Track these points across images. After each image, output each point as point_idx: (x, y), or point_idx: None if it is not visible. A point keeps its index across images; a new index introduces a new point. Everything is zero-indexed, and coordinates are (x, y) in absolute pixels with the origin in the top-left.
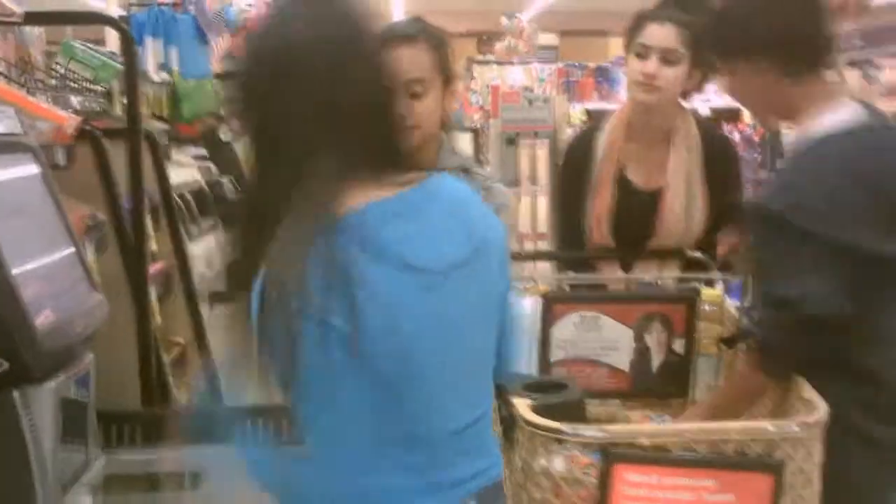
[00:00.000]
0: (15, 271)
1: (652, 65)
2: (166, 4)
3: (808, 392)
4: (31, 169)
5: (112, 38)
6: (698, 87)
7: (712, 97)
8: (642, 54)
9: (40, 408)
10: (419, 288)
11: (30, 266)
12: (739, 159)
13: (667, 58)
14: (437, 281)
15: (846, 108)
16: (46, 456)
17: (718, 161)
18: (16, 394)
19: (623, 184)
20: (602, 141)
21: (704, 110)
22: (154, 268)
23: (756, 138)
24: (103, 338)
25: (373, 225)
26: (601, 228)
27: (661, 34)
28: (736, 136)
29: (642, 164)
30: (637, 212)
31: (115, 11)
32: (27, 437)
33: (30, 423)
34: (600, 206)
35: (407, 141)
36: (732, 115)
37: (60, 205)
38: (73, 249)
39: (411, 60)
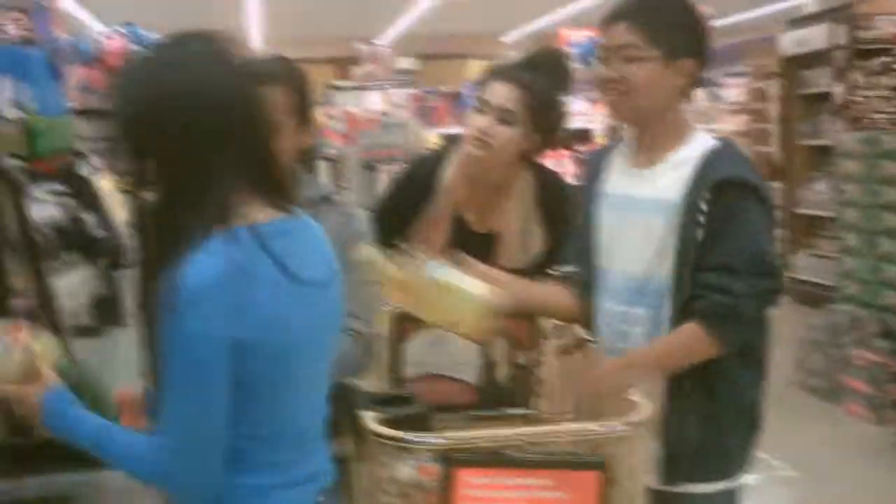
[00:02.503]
0: None
1: (486, 121)
2: (16, 42)
3: (634, 394)
4: None
5: None
6: (538, 151)
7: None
8: (482, 110)
9: None
10: (299, 299)
11: None
12: (571, 196)
13: (503, 117)
14: (312, 295)
15: (705, 130)
16: None
17: (552, 202)
18: None
19: (459, 223)
20: (446, 173)
21: None
22: (18, 303)
23: None
24: None
25: (264, 237)
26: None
27: (501, 93)
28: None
29: (478, 207)
30: (474, 251)
31: None
32: None
33: None
34: (436, 241)
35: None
36: (586, 137)
37: None
38: None
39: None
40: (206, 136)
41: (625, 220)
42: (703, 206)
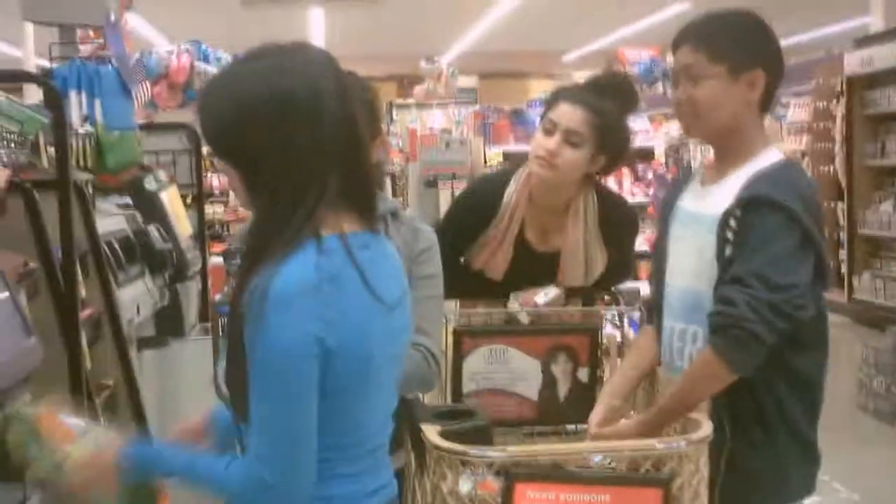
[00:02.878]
0: None
1: (553, 142)
2: (89, 58)
3: (696, 412)
4: None
5: (32, 91)
6: (603, 173)
7: None
8: (549, 130)
9: None
10: (378, 313)
11: None
12: (636, 229)
13: (570, 139)
14: (385, 312)
15: (775, 148)
16: None
17: (614, 222)
18: None
19: (522, 244)
20: (510, 194)
21: None
22: (83, 313)
23: (669, 177)
24: (36, 381)
25: (352, 248)
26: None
27: (569, 114)
28: (649, 175)
29: (541, 227)
30: (536, 271)
31: (33, 61)
32: None
33: None
34: (499, 261)
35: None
36: (647, 155)
37: None
38: (7, 295)
39: None
40: (303, 144)
41: (685, 236)
42: (733, 224)
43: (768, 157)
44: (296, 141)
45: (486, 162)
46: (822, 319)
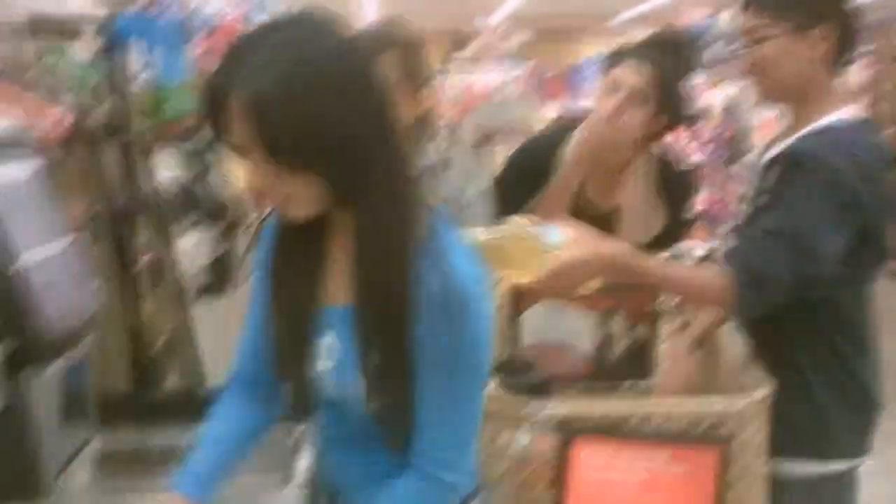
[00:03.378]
0: (22, 261)
1: (618, 101)
2: (147, 8)
3: (757, 371)
4: (34, 165)
5: (89, 41)
6: (664, 132)
7: None
8: (612, 89)
9: (45, 387)
10: None
11: (35, 256)
12: (694, 192)
13: (634, 98)
14: None
15: (852, 106)
16: (50, 432)
17: (673, 181)
18: (23, 374)
19: (580, 200)
20: (568, 151)
21: None
22: (143, 260)
23: (726, 136)
24: (96, 326)
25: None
26: None
27: (632, 73)
28: (706, 135)
29: (600, 184)
30: (595, 229)
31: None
32: (34, 415)
33: (37, 401)
34: (556, 216)
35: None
36: (703, 115)
37: (59, 199)
38: (71, 241)
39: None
40: (375, 118)
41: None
42: (772, 177)
43: (837, 116)
44: (370, 117)
45: (539, 119)
46: (858, 282)
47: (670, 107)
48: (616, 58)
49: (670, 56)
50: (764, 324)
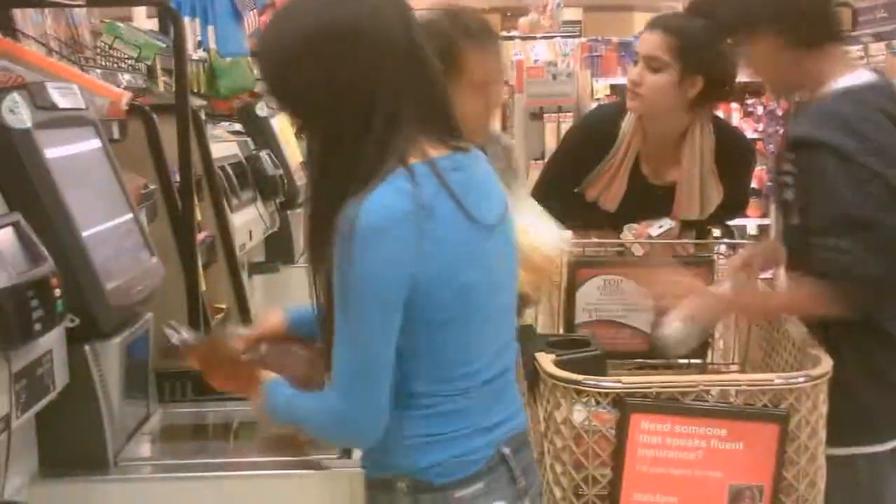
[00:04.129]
0: (84, 235)
1: (636, 72)
2: None
3: (815, 348)
4: (95, 142)
5: (141, 17)
6: (708, 97)
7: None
8: (636, 61)
9: (108, 361)
10: (477, 238)
11: (97, 231)
12: (754, 162)
13: (650, 65)
14: (486, 234)
15: (862, 71)
16: (114, 406)
17: (730, 155)
18: (87, 347)
19: (636, 177)
20: (625, 126)
21: None
22: (199, 236)
23: (779, 112)
24: (156, 301)
25: (443, 173)
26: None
27: (647, 41)
28: (759, 110)
29: (655, 160)
30: (651, 204)
31: None
32: (97, 388)
33: (99, 375)
34: (614, 193)
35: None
36: (756, 90)
37: (120, 175)
38: (131, 216)
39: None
40: (364, 76)
41: None
42: (788, 167)
43: (834, 86)
44: (354, 72)
45: (593, 94)
46: None
47: (697, 67)
48: (643, 31)
49: (694, 20)
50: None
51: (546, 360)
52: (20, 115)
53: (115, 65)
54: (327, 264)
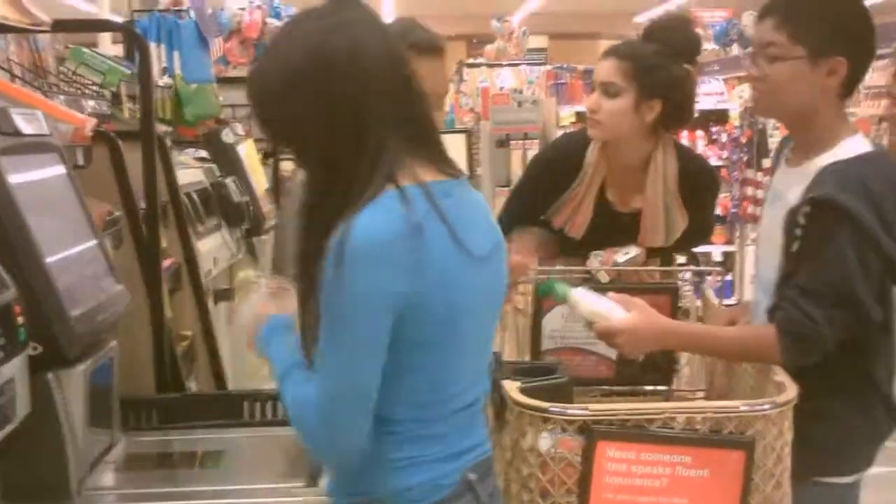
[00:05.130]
0: (48, 262)
1: (592, 99)
2: (168, 11)
3: (780, 375)
4: (58, 168)
5: (107, 44)
6: (668, 122)
7: (701, 99)
8: (593, 89)
9: (72, 389)
10: (465, 265)
11: (61, 257)
12: (718, 188)
13: (607, 90)
14: (473, 263)
15: (860, 136)
16: (77, 434)
17: (693, 182)
18: (50, 375)
19: (602, 204)
20: (589, 156)
21: None
22: (164, 263)
23: (743, 139)
24: (120, 329)
25: (434, 197)
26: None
27: (602, 68)
28: (724, 137)
29: (621, 187)
30: (617, 231)
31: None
32: (61, 416)
33: (63, 403)
34: (579, 221)
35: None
36: (720, 117)
37: (84, 202)
38: (96, 243)
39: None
40: (350, 104)
41: (769, 213)
42: (802, 220)
43: (849, 148)
44: (342, 101)
45: (558, 122)
46: (887, 309)
47: (653, 90)
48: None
49: (651, 43)
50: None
51: (512, 388)
52: None
53: (80, 91)
54: (316, 287)
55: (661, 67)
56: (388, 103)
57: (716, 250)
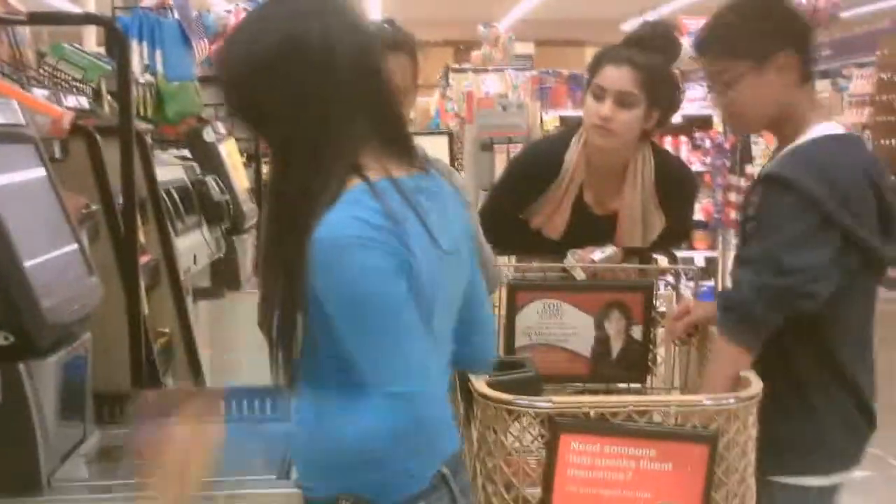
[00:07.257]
0: (22, 253)
1: (607, 108)
2: (150, 8)
3: (745, 371)
4: (34, 159)
5: (90, 39)
6: (658, 128)
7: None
8: (599, 96)
9: (43, 380)
10: (437, 259)
11: (34, 249)
12: (695, 190)
13: (623, 100)
14: (444, 258)
15: (830, 120)
16: (48, 426)
17: (671, 183)
18: (21, 366)
19: (580, 206)
20: (569, 157)
21: (676, 118)
22: (142, 259)
23: (727, 145)
24: (96, 323)
25: (406, 191)
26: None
27: (617, 76)
28: (707, 143)
29: (599, 190)
30: (594, 233)
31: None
32: (31, 407)
33: (34, 394)
34: (557, 223)
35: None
36: (704, 123)
37: (59, 193)
38: (70, 234)
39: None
40: (318, 91)
41: None
42: (755, 199)
43: (816, 132)
44: (310, 88)
45: (542, 126)
46: (855, 296)
47: (660, 100)
48: (597, 64)
49: (651, 52)
50: (769, 348)
51: (479, 381)
52: None
53: (60, 86)
54: (282, 283)
55: (668, 79)
56: (357, 90)
57: (698, 256)
